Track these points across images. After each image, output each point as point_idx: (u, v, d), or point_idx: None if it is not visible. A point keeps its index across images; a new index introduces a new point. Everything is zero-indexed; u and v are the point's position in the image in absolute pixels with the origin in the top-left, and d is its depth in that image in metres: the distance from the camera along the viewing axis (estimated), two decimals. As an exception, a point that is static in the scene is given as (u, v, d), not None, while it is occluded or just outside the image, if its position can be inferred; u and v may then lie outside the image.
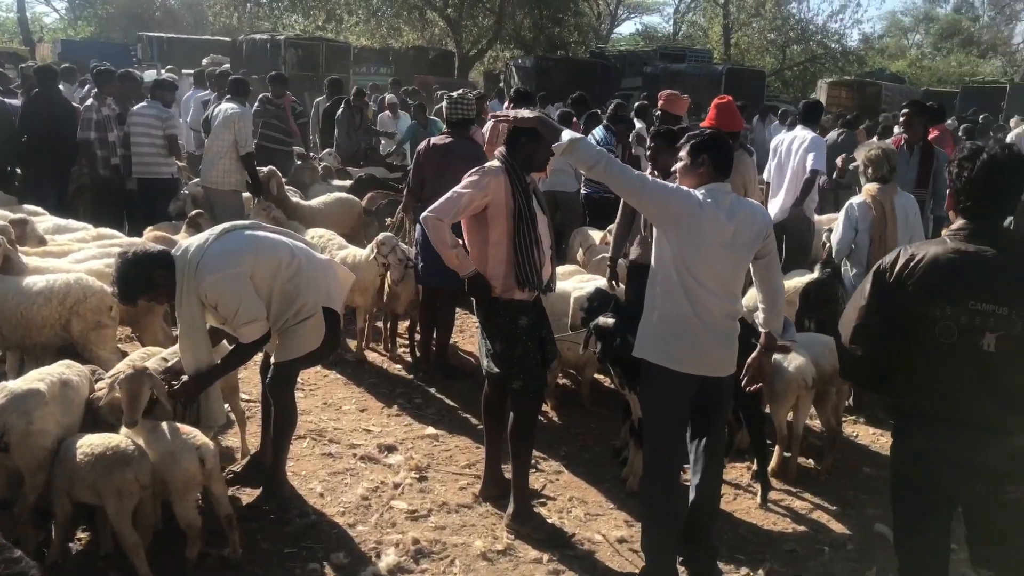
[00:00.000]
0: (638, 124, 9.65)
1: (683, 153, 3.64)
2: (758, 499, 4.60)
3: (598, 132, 8.60)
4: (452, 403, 5.76)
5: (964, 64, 40.38)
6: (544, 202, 4.36)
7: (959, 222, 2.84)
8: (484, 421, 4.47)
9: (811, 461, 5.12)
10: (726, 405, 3.87)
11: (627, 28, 49.28)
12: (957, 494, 2.83)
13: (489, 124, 6.76)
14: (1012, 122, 15.06)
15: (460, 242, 4.09)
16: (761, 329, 3.74)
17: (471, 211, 4.01)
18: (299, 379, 4.59)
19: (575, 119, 10.07)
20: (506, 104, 8.93)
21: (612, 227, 8.00)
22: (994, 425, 2.70)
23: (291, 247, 4.12)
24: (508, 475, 4.33)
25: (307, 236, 6.25)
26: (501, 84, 21.49)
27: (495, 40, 30.28)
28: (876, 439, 5.53)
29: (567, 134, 3.60)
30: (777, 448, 4.92)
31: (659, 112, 6.82)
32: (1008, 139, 9.49)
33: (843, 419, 5.47)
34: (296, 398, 4.44)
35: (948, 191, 3.01)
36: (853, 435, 5.56)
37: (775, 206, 7.83)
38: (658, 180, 3.76)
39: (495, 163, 4.09)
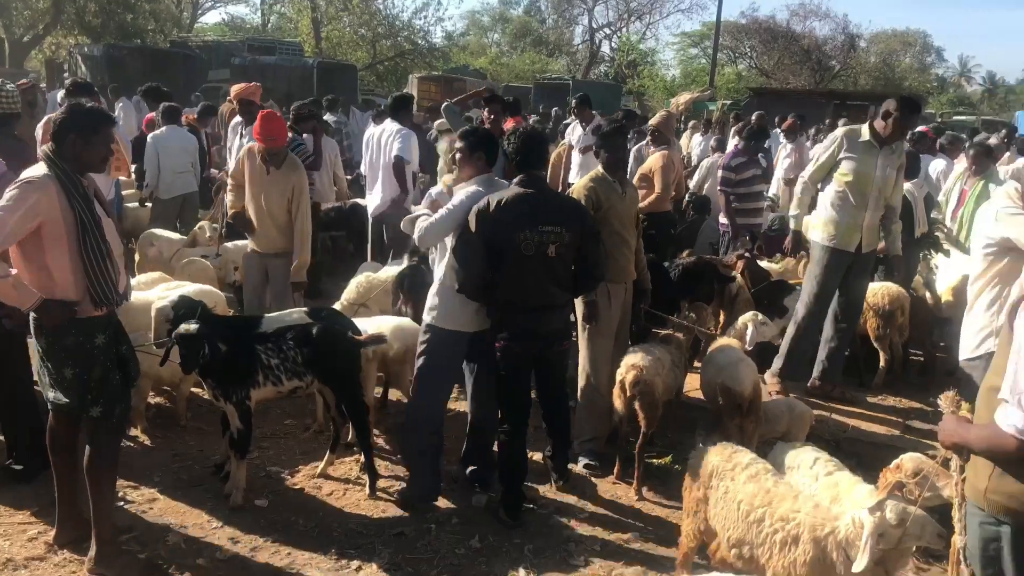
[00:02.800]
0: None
1: (461, 145, 4.49)
2: (367, 490, 4.64)
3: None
4: (17, 443, 4.96)
5: (536, 62, 44.85)
6: (108, 205, 3.89)
7: (519, 177, 4.34)
8: (52, 459, 3.90)
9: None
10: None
11: (212, 17, 46.83)
12: (540, 354, 4.43)
13: (43, 122, 5.91)
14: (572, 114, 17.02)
15: (11, 269, 3.48)
16: None
17: (21, 236, 3.42)
18: None
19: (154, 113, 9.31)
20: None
21: (204, 224, 7.55)
22: (555, 303, 4.39)
23: None
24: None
25: None
26: (66, 74, 19.15)
27: (54, 25, 26.93)
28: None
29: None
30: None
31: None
32: (569, 127, 10.74)
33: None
34: None
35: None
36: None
37: (373, 199, 7.95)
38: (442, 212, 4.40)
39: (39, 171, 3.50)
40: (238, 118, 8.23)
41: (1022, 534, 2.45)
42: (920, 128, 16.26)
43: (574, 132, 9.99)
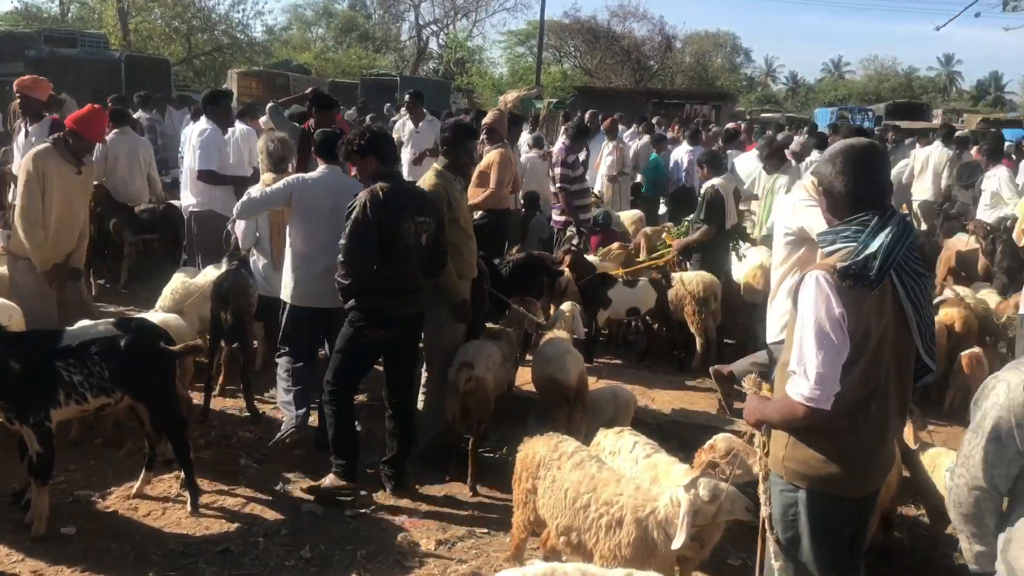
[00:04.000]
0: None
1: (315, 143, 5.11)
2: (189, 507, 4.40)
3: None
4: None
5: (363, 58, 44.11)
6: None
7: (382, 171, 4.56)
8: None
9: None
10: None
11: (3, 5, 42.68)
12: (399, 339, 4.69)
13: None
14: (401, 111, 16.89)
15: None
16: None
17: None
18: None
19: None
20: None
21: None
22: (420, 288, 4.71)
23: None
24: None
25: None
26: None
27: None
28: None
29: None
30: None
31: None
32: (399, 122, 10.67)
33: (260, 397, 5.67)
34: None
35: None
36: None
37: (186, 200, 7.56)
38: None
39: None
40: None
41: (815, 497, 2.66)
42: (730, 125, 17.34)
43: (404, 128, 9.91)
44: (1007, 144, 12.63)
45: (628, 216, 10.20)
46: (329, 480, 4.58)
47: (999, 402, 2.01)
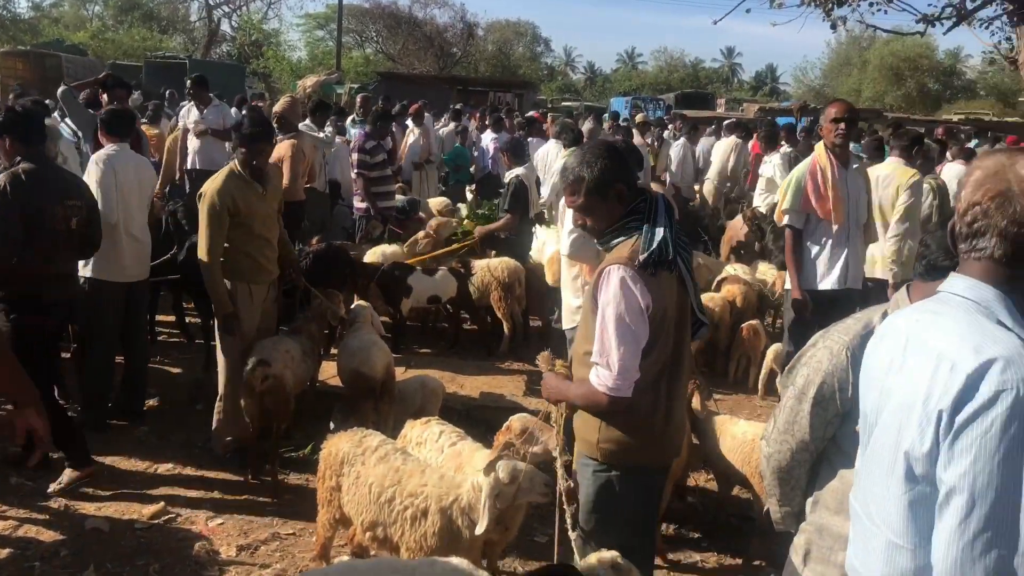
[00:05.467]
0: None
1: None
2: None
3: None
4: None
5: (148, 39, 41.20)
6: None
7: (27, 152, 4.34)
8: None
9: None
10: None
11: None
12: (58, 325, 4.62)
13: None
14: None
15: None
16: None
17: None
18: None
19: None
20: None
21: None
22: (73, 273, 4.69)
23: None
24: None
25: None
26: None
27: None
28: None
29: None
30: None
31: None
32: (184, 109, 10.04)
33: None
34: None
35: None
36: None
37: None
38: None
39: None
40: None
41: (630, 474, 2.78)
42: (531, 113, 17.73)
43: (190, 115, 9.36)
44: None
45: (435, 203, 10.19)
46: (67, 476, 4.45)
47: (823, 368, 2.10)
